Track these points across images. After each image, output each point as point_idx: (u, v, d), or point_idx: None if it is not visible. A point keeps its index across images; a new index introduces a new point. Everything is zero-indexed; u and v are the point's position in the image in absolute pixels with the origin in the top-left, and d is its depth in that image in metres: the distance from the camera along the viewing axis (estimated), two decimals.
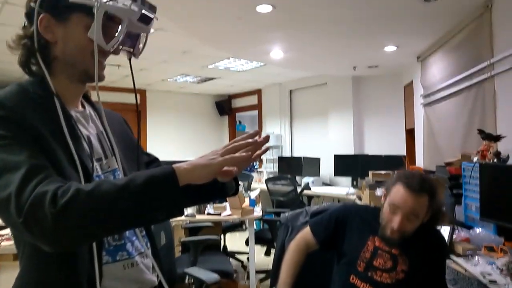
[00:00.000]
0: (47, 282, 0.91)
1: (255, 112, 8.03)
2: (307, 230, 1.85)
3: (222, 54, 4.93)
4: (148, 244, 1.09)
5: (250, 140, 0.90)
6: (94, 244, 0.91)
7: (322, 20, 3.37)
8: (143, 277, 1.03)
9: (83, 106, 1.08)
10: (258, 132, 0.93)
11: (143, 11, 0.94)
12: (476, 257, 1.91)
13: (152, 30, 1.02)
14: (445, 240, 1.73)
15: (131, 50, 1.03)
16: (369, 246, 1.70)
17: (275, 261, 2.03)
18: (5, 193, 0.77)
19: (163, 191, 0.80)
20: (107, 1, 0.92)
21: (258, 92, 7.84)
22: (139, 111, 1.13)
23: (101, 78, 1.01)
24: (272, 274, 2.07)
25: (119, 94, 7.04)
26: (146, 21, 0.96)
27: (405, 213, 1.60)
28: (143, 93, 7.67)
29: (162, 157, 1.27)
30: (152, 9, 0.97)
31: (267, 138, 0.92)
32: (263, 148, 0.91)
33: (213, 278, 2.42)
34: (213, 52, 4.79)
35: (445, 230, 2.12)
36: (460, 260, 1.92)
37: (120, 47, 1.00)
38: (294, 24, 3.51)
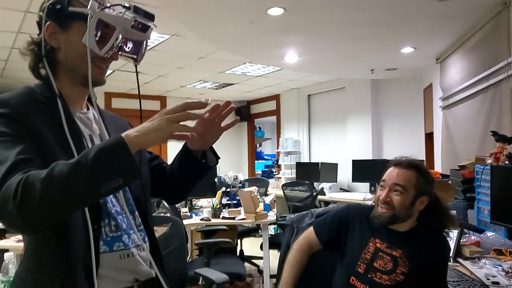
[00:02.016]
0: (44, 271, 0.96)
1: (274, 117, 8.04)
2: (310, 231, 1.85)
3: (238, 59, 4.98)
4: (146, 238, 1.13)
5: (201, 111, 0.97)
6: (91, 234, 0.95)
7: (335, 22, 3.37)
8: (138, 268, 1.07)
9: (88, 109, 1.14)
10: (207, 101, 0.97)
11: (137, 18, 0.98)
12: (483, 260, 1.86)
13: (166, 37, 1.07)
14: (448, 244, 1.69)
15: (134, 56, 1.08)
16: (370, 247, 1.68)
17: (280, 262, 2.03)
18: None
19: (114, 160, 0.84)
20: (100, 10, 0.97)
21: (276, 97, 7.85)
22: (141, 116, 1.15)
23: (102, 82, 1.07)
24: (278, 275, 2.07)
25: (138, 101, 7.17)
26: (142, 28, 1.00)
27: (391, 184, 1.64)
28: (163, 99, 7.80)
29: None
30: (149, 16, 1.01)
31: (227, 105, 1.01)
32: (229, 119, 0.98)
33: (222, 278, 2.43)
34: (229, 57, 4.84)
35: (453, 233, 2.07)
36: (466, 263, 1.88)
37: (122, 54, 1.06)
38: (307, 27, 3.52)
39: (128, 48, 1.06)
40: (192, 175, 1.19)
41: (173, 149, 7.76)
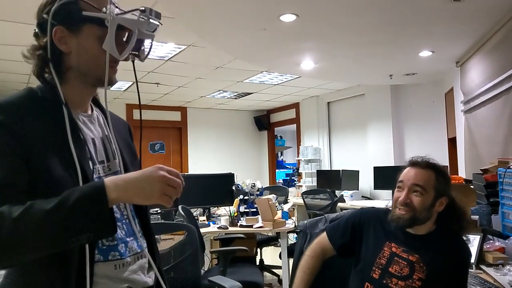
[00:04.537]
0: (34, 279, 0.93)
1: (294, 126, 8.01)
2: (323, 236, 1.81)
3: (255, 68, 4.99)
4: (145, 244, 1.09)
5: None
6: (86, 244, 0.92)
7: (349, 27, 3.34)
8: (133, 277, 1.03)
9: (92, 110, 1.11)
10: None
11: (151, 20, 0.97)
12: (508, 266, 1.78)
13: (183, 47, 1.05)
14: (468, 249, 1.62)
15: (136, 53, 1.06)
16: (385, 251, 1.63)
17: (293, 268, 1.99)
18: None
19: (90, 216, 0.82)
20: (118, 14, 0.95)
21: (296, 105, 7.83)
22: (141, 126, 1.12)
23: (114, 82, 1.05)
24: (290, 281, 2.03)
25: (159, 112, 7.29)
26: (152, 28, 0.99)
27: (410, 184, 1.58)
28: (184, 110, 7.90)
29: (203, 172, 1.27)
30: (158, 16, 0.99)
31: None
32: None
33: (235, 286, 2.40)
34: (246, 66, 4.86)
35: (475, 239, 1.99)
36: (489, 270, 1.79)
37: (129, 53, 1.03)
38: (321, 33, 3.50)
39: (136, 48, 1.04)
40: None
41: (194, 161, 7.82)
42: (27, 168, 0.89)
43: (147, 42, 1.06)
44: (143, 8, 0.96)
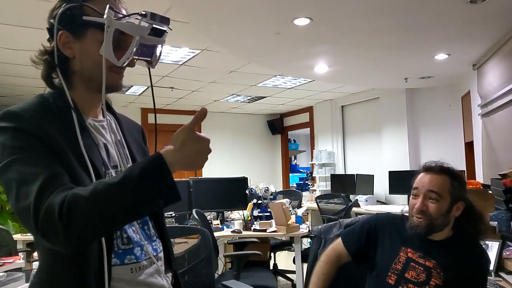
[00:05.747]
0: (57, 281, 0.95)
1: (308, 130, 7.98)
2: (338, 242, 1.79)
3: (269, 72, 5.00)
4: (160, 249, 1.10)
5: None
6: (104, 247, 0.94)
7: (363, 31, 3.32)
8: (149, 280, 1.04)
9: (104, 115, 1.11)
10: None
11: (154, 25, 0.95)
12: None
13: (197, 52, 1.03)
14: (487, 255, 1.59)
15: (149, 59, 1.04)
16: (401, 257, 1.61)
17: (307, 274, 1.98)
18: (26, 204, 0.84)
19: (157, 184, 0.85)
20: (117, 19, 0.94)
21: (309, 109, 7.80)
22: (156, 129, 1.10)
23: (119, 87, 1.05)
24: (304, 287, 2.02)
25: (174, 116, 7.33)
26: (158, 33, 0.97)
27: (425, 191, 1.56)
28: None
29: (216, 176, 1.28)
30: (164, 21, 0.97)
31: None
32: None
33: None
34: (259, 70, 4.87)
35: (494, 246, 1.95)
36: (509, 277, 1.75)
37: (135, 59, 1.02)
38: (335, 37, 3.48)
39: (142, 52, 1.02)
40: None
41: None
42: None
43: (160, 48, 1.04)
44: (144, 13, 0.94)
